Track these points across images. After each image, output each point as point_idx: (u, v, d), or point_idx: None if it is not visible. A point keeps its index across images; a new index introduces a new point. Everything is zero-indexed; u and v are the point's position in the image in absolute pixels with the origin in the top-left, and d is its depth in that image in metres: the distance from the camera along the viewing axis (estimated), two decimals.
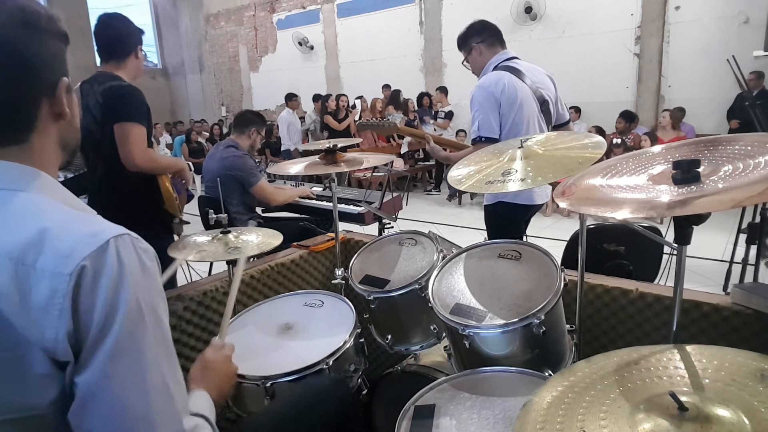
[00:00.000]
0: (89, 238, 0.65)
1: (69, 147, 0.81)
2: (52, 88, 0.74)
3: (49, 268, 0.62)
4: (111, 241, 0.65)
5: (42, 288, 0.61)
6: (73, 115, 0.80)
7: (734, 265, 3.39)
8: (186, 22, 13.98)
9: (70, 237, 0.65)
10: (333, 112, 7.79)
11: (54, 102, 0.74)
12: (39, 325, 0.61)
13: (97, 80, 2.10)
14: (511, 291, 1.32)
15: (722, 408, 0.69)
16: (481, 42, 2.39)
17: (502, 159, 1.39)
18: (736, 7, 6.61)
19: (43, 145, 0.75)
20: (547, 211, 6.05)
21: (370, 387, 1.62)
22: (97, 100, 2.06)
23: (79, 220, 0.69)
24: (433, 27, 9.50)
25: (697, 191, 0.86)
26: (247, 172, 3.05)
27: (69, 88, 0.77)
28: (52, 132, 0.76)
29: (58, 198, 0.73)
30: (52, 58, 0.74)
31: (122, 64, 2.14)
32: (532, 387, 1.00)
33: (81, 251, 0.63)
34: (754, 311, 1.47)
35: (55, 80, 0.74)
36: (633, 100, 7.60)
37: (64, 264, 0.62)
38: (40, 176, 0.73)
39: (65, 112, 0.76)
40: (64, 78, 0.76)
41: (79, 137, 0.84)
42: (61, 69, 0.76)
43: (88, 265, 0.63)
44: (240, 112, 3.43)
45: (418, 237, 1.76)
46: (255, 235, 1.79)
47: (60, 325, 0.61)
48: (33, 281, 0.62)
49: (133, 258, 0.67)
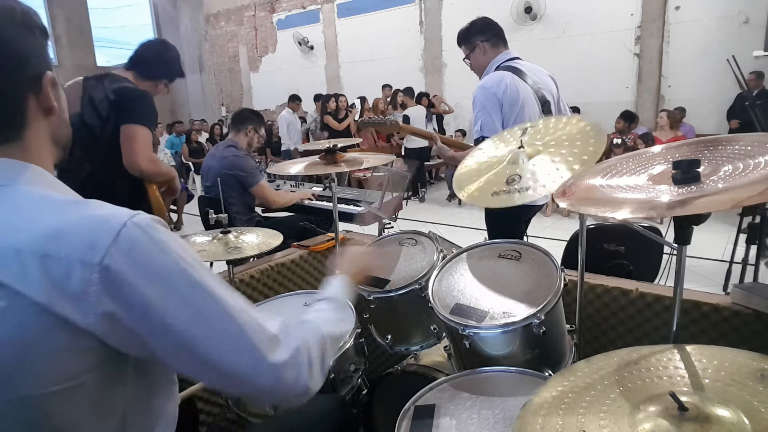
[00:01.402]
0: (106, 223, 0.66)
1: (61, 142, 0.81)
2: (37, 84, 0.73)
3: (77, 258, 0.63)
4: (128, 223, 0.66)
5: (75, 277, 0.63)
6: (62, 110, 0.80)
7: (734, 265, 3.39)
8: (186, 22, 13.98)
9: (86, 225, 0.65)
10: (333, 112, 7.79)
11: (41, 97, 0.74)
12: (78, 311, 0.63)
13: (109, 78, 2.09)
14: (511, 291, 1.32)
15: (722, 408, 0.69)
16: (485, 41, 2.37)
17: (503, 159, 1.39)
18: (736, 7, 6.61)
19: (37, 142, 0.75)
20: (547, 211, 6.04)
21: (370, 387, 1.62)
22: (107, 95, 2.03)
23: (88, 207, 0.69)
24: (433, 27, 9.50)
25: (697, 191, 0.86)
26: (248, 172, 3.05)
27: (54, 82, 0.76)
28: (43, 128, 0.76)
29: (59, 191, 0.73)
30: (32, 53, 0.73)
31: (141, 80, 2.15)
32: (532, 387, 1.00)
33: (104, 239, 0.64)
34: (754, 311, 1.47)
35: (38, 75, 0.73)
36: (633, 100, 7.60)
37: (92, 254, 0.63)
38: (37, 171, 0.73)
39: (54, 106, 0.76)
40: (48, 72, 0.75)
41: (70, 132, 0.84)
42: (44, 63, 0.75)
43: (114, 251, 0.64)
44: (237, 111, 3.42)
45: (418, 237, 1.76)
46: (255, 235, 1.80)
47: (97, 311, 0.63)
48: (64, 270, 0.63)
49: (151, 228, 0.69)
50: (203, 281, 0.70)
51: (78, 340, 0.64)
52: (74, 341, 0.64)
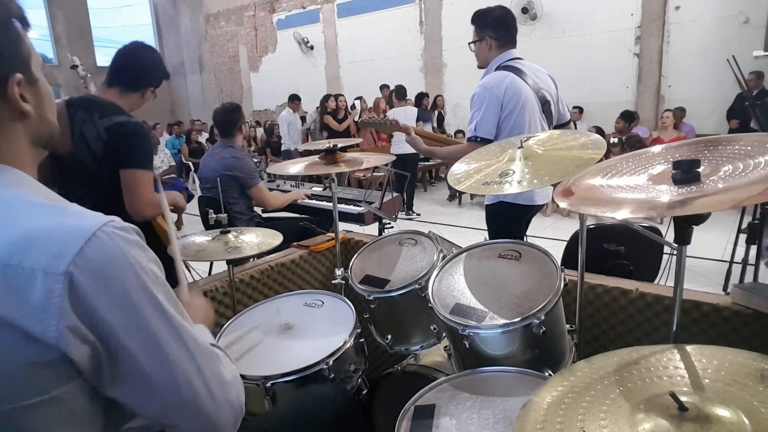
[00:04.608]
0: (76, 231, 0.63)
1: (42, 141, 0.76)
2: (1, 88, 0.67)
3: (40, 268, 0.60)
4: (98, 232, 0.63)
5: (37, 288, 0.59)
6: (42, 108, 0.74)
7: (734, 265, 3.39)
8: (186, 22, 13.99)
9: (57, 233, 0.62)
10: (333, 112, 7.79)
11: (9, 101, 0.68)
12: (40, 324, 0.60)
13: (97, 109, 1.89)
14: (511, 291, 1.32)
15: (722, 408, 0.69)
16: (494, 38, 2.32)
17: (502, 159, 1.39)
18: (736, 7, 6.62)
19: (11, 147, 0.70)
20: (547, 211, 6.05)
21: (370, 387, 1.62)
22: (99, 135, 1.87)
23: (61, 214, 0.66)
24: (433, 27, 9.50)
25: (697, 191, 0.86)
26: (247, 174, 3.06)
27: (27, 80, 0.70)
28: (18, 131, 0.71)
29: (36, 193, 0.69)
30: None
31: (126, 96, 1.97)
32: (532, 387, 1.00)
33: (71, 248, 0.61)
34: (754, 311, 1.47)
35: (2, 78, 0.67)
36: (633, 100, 7.60)
37: (57, 263, 0.60)
38: (11, 173, 0.69)
39: (25, 110, 0.70)
40: (15, 74, 0.68)
41: (54, 129, 0.78)
42: (8, 63, 0.68)
43: (80, 261, 0.61)
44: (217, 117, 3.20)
45: (418, 237, 1.76)
46: (255, 234, 1.80)
47: (60, 325, 0.60)
48: (26, 281, 0.59)
49: (127, 239, 0.66)
50: (163, 305, 0.68)
51: (43, 355, 0.60)
52: (39, 356, 0.60)
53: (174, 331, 0.69)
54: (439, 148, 2.42)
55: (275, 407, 1.34)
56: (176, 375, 0.68)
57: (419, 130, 2.48)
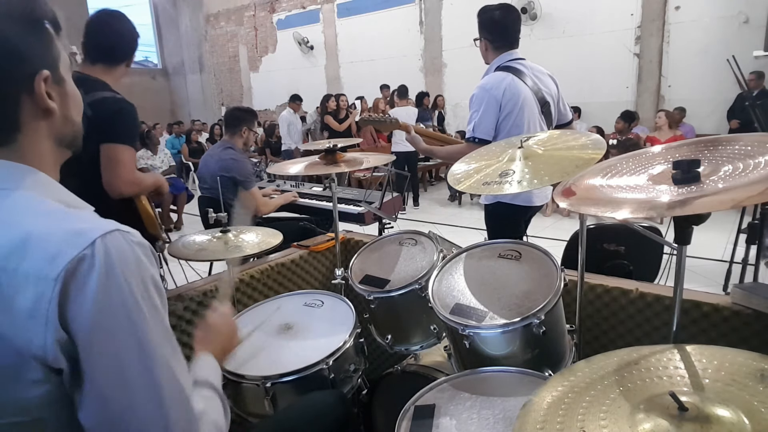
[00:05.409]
0: (75, 238, 0.61)
1: (66, 141, 0.76)
2: (28, 84, 0.68)
3: (33, 273, 0.58)
4: (98, 241, 0.61)
5: (27, 294, 0.58)
6: (67, 108, 0.75)
7: (734, 265, 3.39)
8: (186, 22, 13.98)
9: (55, 238, 0.61)
10: (333, 112, 7.79)
11: (35, 98, 0.69)
12: (26, 332, 0.58)
13: (83, 86, 1.89)
14: (511, 291, 1.32)
15: (722, 408, 0.69)
16: (488, 40, 2.32)
17: (502, 159, 1.39)
18: (736, 7, 6.61)
19: (34, 145, 0.70)
20: (547, 211, 6.05)
21: (370, 387, 1.62)
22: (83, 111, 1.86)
23: (67, 219, 0.65)
24: (433, 27, 9.50)
25: (697, 191, 0.86)
26: (244, 177, 3.06)
27: (54, 80, 0.71)
28: (41, 129, 0.71)
29: (51, 196, 0.69)
30: (25, 51, 0.67)
31: (112, 69, 1.90)
32: (532, 387, 1.00)
33: (67, 253, 0.59)
34: (754, 311, 1.47)
35: (30, 74, 0.68)
36: (633, 100, 7.60)
37: (50, 268, 0.59)
38: (31, 174, 0.69)
39: (50, 107, 0.71)
40: (43, 71, 0.69)
41: (78, 130, 0.78)
42: (40, 61, 0.69)
43: (74, 267, 0.59)
44: (228, 111, 3.31)
45: (418, 237, 1.76)
46: (255, 234, 1.79)
47: (47, 332, 0.58)
48: (17, 287, 0.58)
49: (126, 254, 0.63)
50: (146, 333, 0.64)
51: (28, 371, 0.59)
52: (24, 373, 0.59)
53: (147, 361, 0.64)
54: (438, 148, 2.42)
55: (275, 412, 1.34)
56: (135, 404, 0.64)
57: (419, 129, 2.48)
